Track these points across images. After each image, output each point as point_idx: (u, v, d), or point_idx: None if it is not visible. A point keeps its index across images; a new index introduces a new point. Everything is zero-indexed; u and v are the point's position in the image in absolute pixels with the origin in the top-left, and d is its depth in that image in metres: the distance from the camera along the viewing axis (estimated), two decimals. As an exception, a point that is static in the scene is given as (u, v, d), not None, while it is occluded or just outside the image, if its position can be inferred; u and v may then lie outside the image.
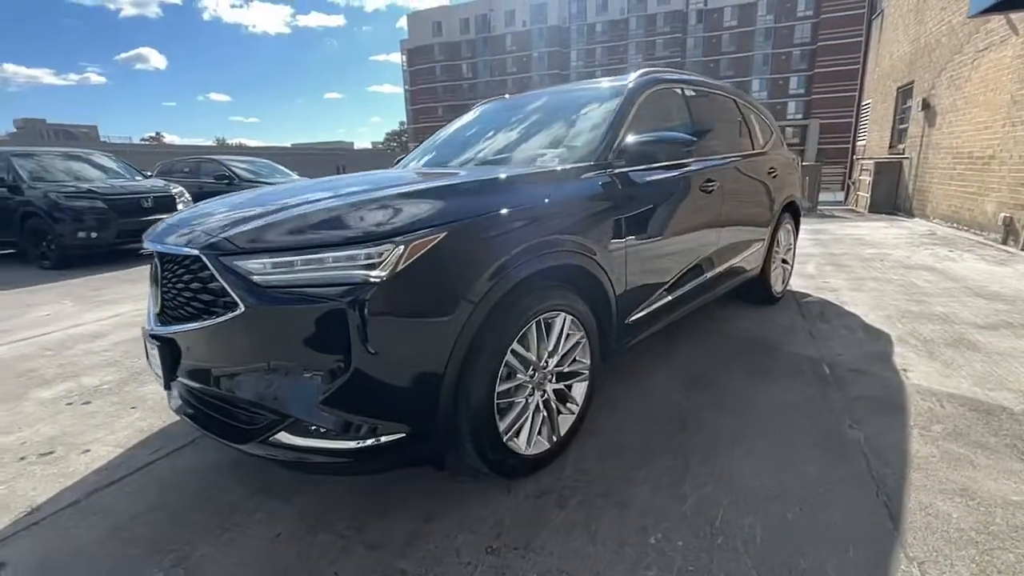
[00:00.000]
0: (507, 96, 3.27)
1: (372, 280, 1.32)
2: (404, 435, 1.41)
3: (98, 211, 6.42)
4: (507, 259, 1.54)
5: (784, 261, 3.92)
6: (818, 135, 12.94)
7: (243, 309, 1.37)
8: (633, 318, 2.22)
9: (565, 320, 1.82)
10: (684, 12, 60.28)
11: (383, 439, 1.39)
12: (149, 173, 8.50)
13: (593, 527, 1.56)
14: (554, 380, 1.85)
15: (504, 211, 1.60)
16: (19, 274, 6.04)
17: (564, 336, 1.84)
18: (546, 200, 1.76)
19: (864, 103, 13.34)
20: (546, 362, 1.80)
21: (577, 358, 1.95)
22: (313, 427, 1.38)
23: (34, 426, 2.32)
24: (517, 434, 1.73)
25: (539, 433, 1.82)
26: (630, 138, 2.15)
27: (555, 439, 1.86)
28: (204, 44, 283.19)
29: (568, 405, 1.94)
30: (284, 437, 1.41)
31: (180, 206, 7.11)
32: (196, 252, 1.46)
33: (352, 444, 1.38)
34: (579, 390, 1.98)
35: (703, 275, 2.75)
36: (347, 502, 1.72)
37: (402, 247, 1.34)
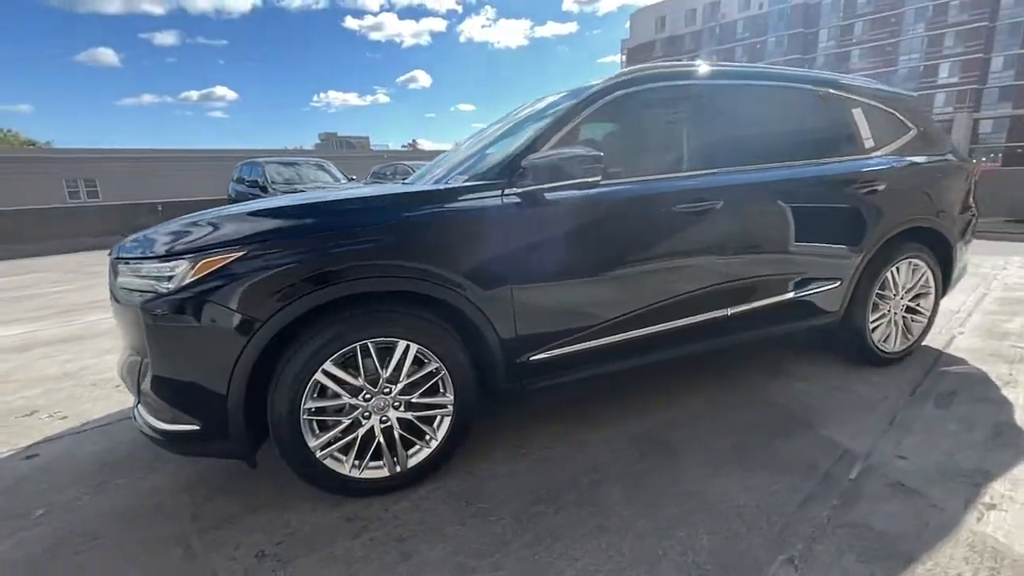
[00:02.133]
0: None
1: (164, 290, 1.54)
2: (197, 428, 1.60)
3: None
4: (306, 280, 1.57)
5: (911, 310, 2.79)
6: None
7: (115, 302, 1.75)
8: (536, 357, 1.95)
9: (408, 348, 1.74)
10: (1002, -42, 44.85)
11: (177, 428, 1.61)
12: (353, 177, 10.62)
13: (357, 567, 1.50)
14: (401, 408, 1.80)
15: (318, 234, 1.63)
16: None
17: (408, 365, 1.76)
18: (387, 223, 1.71)
19: None
20: (388, 388, 1.76)
21: (439, 390, 1.84)
22: (147, 405, 1.68)
23: (145, 364, 3.27)
24: (343, 454, 1.75)
25: (376, 458, 1.79)
26: (538, 155, 1.88)
27: (398, 469, 1.81)
28: (459, 62, 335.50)
29: (426, 438, 1.85)
30: (140, 408, 1.75)
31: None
32: (111, 257, 1.91)
33: (160, 425, 1.63)
34: (442, 424, 1.86)
35: (696, 315, 2.21)
36: (230, 476, 1.99)
37: (190, 264, 1.52)
